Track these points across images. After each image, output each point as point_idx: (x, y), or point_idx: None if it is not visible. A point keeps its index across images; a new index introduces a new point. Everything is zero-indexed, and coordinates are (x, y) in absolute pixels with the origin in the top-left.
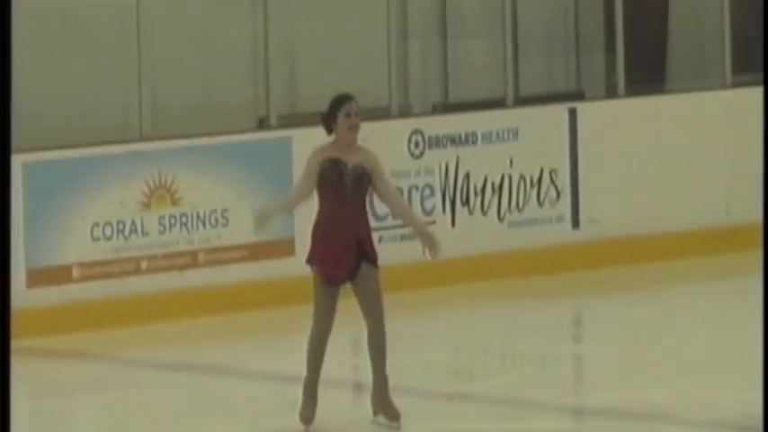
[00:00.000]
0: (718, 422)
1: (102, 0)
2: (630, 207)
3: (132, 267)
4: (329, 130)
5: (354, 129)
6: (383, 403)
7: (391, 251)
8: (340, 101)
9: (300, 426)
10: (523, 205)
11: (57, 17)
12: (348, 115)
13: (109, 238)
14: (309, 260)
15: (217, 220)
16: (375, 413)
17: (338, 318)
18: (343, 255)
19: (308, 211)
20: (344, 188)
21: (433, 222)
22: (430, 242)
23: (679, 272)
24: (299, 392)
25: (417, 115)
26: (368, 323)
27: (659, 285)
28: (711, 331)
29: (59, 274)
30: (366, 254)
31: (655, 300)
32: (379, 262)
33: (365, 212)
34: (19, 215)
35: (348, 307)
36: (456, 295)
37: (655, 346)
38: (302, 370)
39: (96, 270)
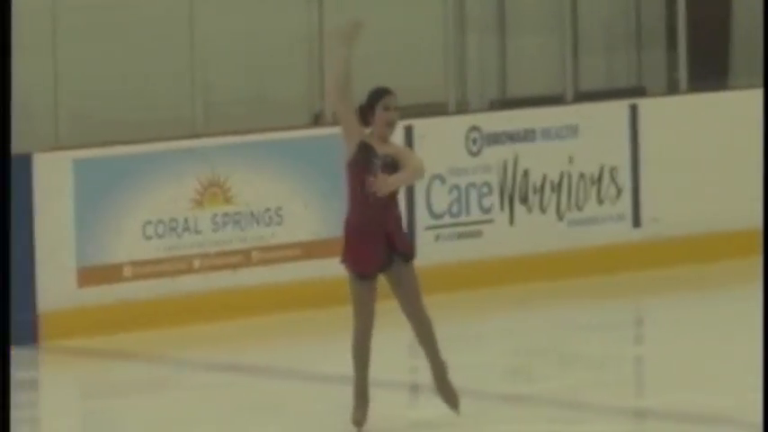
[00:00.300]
0: None
1: None
2: (692, 205)
3: (184, 266)
4: (366, 123)
5: (392, 123)
6: (442, 389)
7: (448, 250)
8: (379, 94)
9: (353, 428)
10: (583, 204)
11: (108, 11)
12: (386, 109)
13: (161, 237)
14: (343, 258)
15: (271, 217)
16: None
17: (392, 319)
18: (372, 247)
19: None
20: (367, 171)
21: (491, 221)
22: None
23: (741, 272)
24: (351, 393)
25: (475, 112)
26: (408, 318)
27: (721, 286)
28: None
29: (110, 273)
30: (395, 247)
31: (717, 300)
32: (434, 261)
33: (394, 204)
34: (69, 213)
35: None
36: (514, 295)
37: (716, 347)
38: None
39: (148, 269)
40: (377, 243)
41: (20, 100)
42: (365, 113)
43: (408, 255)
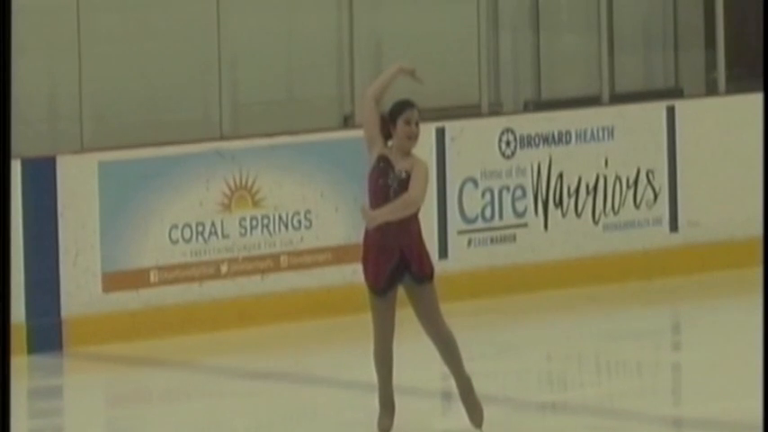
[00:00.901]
0: None
1: None
2: (731, 209)
3: (212, 271)
4: (387, 136)
5: (413, 138)
6: (467, 405)
7: (481, 255)
8: (401, 107)
9: None
10: (619, 207)
11: (134, 11)
12: (408, 123)
13: (188, 241)
14: (363, 271)
15: (300, 221)
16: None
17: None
18: (383, 264)
19: None
20: (387, 192)
21: (525, 225)
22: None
23: None
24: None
25: (509, 113)
26: (429, 336)
27: (761, 291)
28: None
29: (136, 278)
30: (409, 267)
31: (756, 306)
32: (467, 266)
33: (413, 221)
34: (95, 216)
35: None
36: (549, 301)
37: (757, 354)
38: None
39: (175, 274)
40: (389, 260)
41: (44, 102)
42: (386, 126)
43: (422, 276)
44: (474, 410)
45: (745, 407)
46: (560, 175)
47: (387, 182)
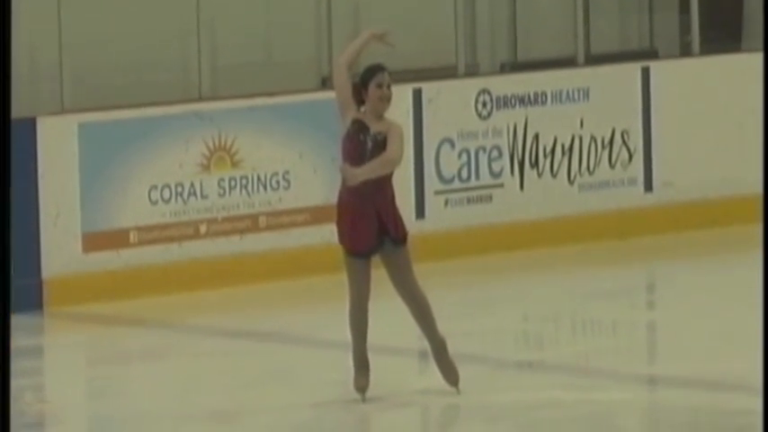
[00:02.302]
0: None
1: None
2: (706, 169)
3: (191, 231)
4: (360, 101)
5: (386, 100)
6: (442, 366)
7: (458, 215)
8: (372, 71)
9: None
10: (594, 168)
11: None
12: (380, 86)
13: (167, 202)
14: (339, 236)
15: (278, 182)
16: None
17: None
18: (364, 227)
19: None
20: (364, 154)
21: (501, 185)
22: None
23: (756, 236)
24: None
25: (485, 75)
26: (402, 299)
27: (735, 250)
28: None
29: (116, 239)
30: (387, 230)
31: (731, 265)
32: (444, 226)
33: (387, 184)
34: (75, 178)
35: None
36: (525, 261)
37: (731, 313)
38: None
39: (154, 234)
40: (369, 223)
41: (25, 63)
42: (359, 91)
43: (399, 239)
44: (449, 372)
45: (720, 365)
46: (536, 136)
47: (363, 144)
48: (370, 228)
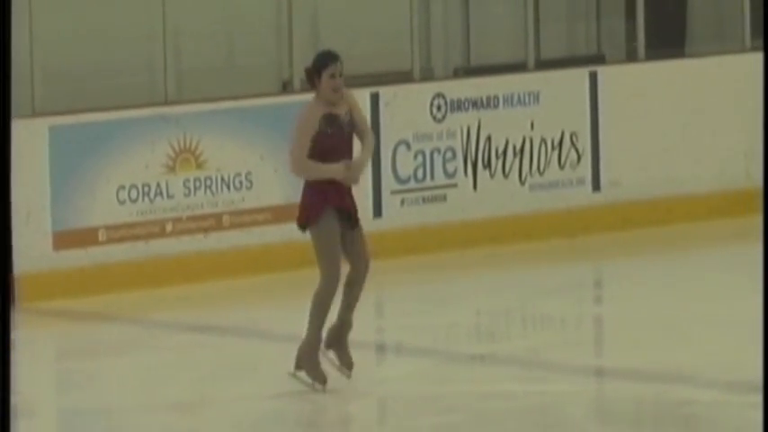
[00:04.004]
0: (741, 384)
1: None
2: (651, 169)
3: (157, 230)
4: (312, 86)
5: (338, 90)
6: (341, 347)
7: (413, 214)
8: (325, 61)
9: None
10: (544, 168)
11: None
12: (332, 76)
13: (134, 201)
14: (301, 217)
15: (241, 182)
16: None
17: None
18: (339, 195)
19: None
20: (342, 140)
21: (455, 185)
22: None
23: (700, 234)
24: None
25: (439, 79)
26: (351, 270)
27: (680, 248)
28: (733, 293)
29: (85, 237)
30: (349, 213)
31: (676, 262)
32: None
33: None
34: (45, 178)
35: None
36: (478, 258)
37: (676, 308)
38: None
39: (122, 232)
40: (343, 199)
41: None
42: (311, 77)
43: (356, 221)
44: (345, 355)
45: (664, 358)
46: (489, 138)
47: (341, 131)
48: (350, 202)
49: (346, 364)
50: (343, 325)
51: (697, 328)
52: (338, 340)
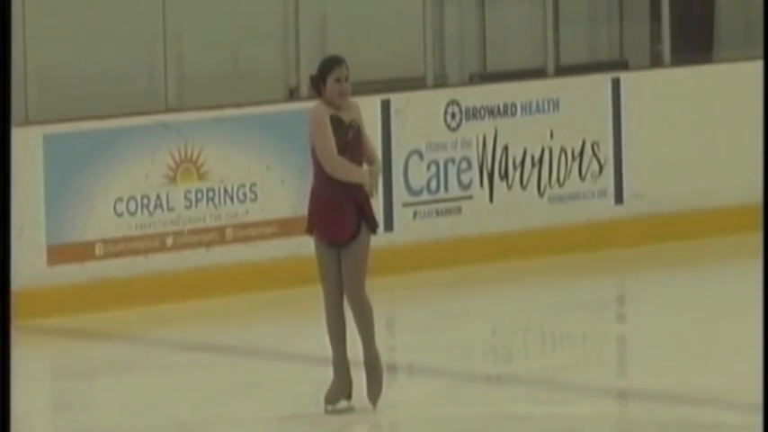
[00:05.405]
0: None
1: None
2: (676, 181)
3: (157, 244)
4: (318, 93)
5: (344, 94)
6: (369, 376)
7: (426, 227)
8: (329, 66)
9: (345, 403)
10: (564, 179)
11: None
12: (338, 81)
13: (133, 214)
14: (309, 228)
15: (245, 194)
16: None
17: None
18: (347, 215)
19: None
20: (345, 145)
21: (470, 197)
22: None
23: (727, 248)
24: (329, 373)
25: (454, 85)
26: (348, 300)
27: (707, 263)
28: (760, 311)
29: (81, 251)
30: (366, 218)
31: (702, 278)
32: (412, 238)
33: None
34: (39, 189)
35: (380, 286)
36: (494, 273)
37: (703, 326)
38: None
39: (120, 247)
40: (348, 212)
41: None
42: (316, 84)
43: (374, 226)
44: (374, 387)
45: (690, 379)
46: (506, 148)
47: (346, 136)
48: (347, 216)
49: (370, 394)
50: (365, 354)
51: (725, 347)
52: (368, 369)
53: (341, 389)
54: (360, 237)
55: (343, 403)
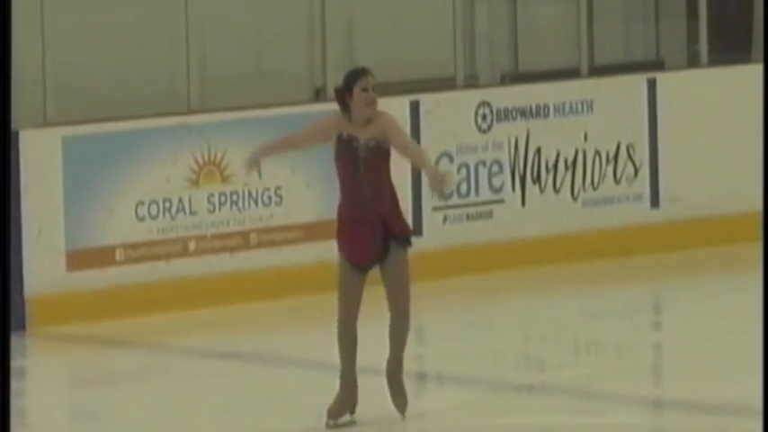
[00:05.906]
0: None
1: None
2: (713, 184)
3: (179, 249)
4: (345, 106)
5: (371, 104)
6: (393, 384)
7: (457, 232)
8: (355, 76)
9: (349, 418)
10: (599, 183)
11: None
12: (365, 90)
13: (154, 218)
14: (340, 247)
15: (270, 198)
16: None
17: None
18: (369, 238)
19: None
20: (357, 165)
21: (502, 201)
22: (440, 179)
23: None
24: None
25: (485, 86)
26: (391, 311)
27: (745, 268)
28: None
29: (101, 257)
30: (393, 233)
31: (740, 284)
32: (442, 243)
33: (387, 187)
34: (58, 193)
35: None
36: (526, 279)
37: (740, 333)
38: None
39: (141, 252)
40: (373, 233)
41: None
42: (342, 96)
43: (404, 238)
44: (399, 396)
45: (727, 388)
46: (538, 150)
47: (355, 155)
48: (374, 238)
49: (397, 403)
50: (391, 360)
51: (762, 356)
52: (391, 376)
53: (345, 403)
54: (390, 256)
55: (345, 417)
